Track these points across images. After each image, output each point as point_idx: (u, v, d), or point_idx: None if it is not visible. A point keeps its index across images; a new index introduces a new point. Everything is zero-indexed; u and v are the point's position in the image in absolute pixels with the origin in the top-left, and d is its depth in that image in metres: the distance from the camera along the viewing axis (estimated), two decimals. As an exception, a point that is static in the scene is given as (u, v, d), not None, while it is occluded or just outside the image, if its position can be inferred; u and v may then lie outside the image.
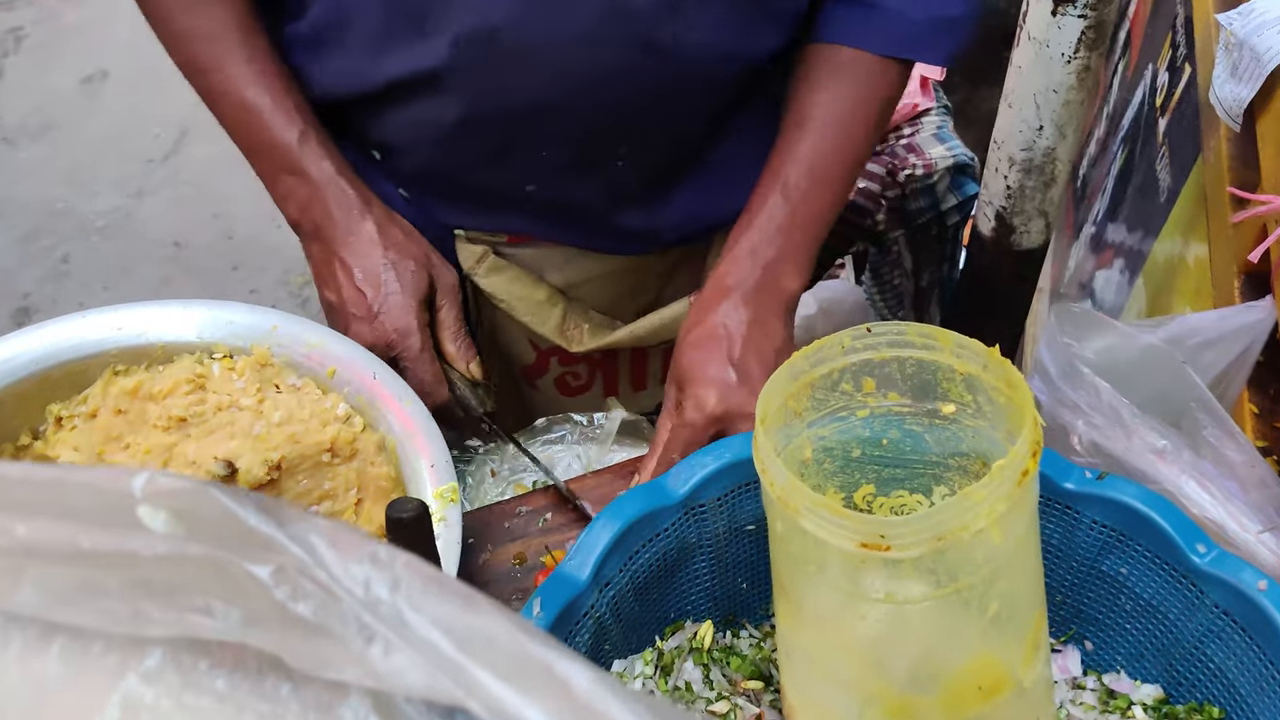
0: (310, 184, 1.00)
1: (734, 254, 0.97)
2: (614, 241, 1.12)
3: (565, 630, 0.71)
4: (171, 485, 0.33)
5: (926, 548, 0.58)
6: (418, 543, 0.68)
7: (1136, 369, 1.12)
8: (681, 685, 0.77)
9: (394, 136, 1.04)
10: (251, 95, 0.99)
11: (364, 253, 1.00)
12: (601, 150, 1.03)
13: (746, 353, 0.94)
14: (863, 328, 0.75)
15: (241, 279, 2.71)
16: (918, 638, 0.63)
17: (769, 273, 0.97)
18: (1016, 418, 0.68)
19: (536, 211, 1.08)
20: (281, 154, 1.00)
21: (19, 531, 0.34)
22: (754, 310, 0.95)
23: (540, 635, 0.33)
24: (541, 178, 1.04)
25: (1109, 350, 1.14)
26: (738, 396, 0.91)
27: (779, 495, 0.63)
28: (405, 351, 1.00)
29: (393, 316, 1.00)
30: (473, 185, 1.06)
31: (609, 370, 1.22)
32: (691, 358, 0.93)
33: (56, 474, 0.34)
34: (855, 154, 1.02)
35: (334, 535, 0.33)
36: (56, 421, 0.95)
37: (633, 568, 0.75)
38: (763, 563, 0.83)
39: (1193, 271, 1.41)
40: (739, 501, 0.79)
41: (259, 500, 0.34)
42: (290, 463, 0.89)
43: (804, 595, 0.66)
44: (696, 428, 0.90)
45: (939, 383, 0.74)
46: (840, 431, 0.77)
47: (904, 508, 0.80)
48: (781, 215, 0.98)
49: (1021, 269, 1.60)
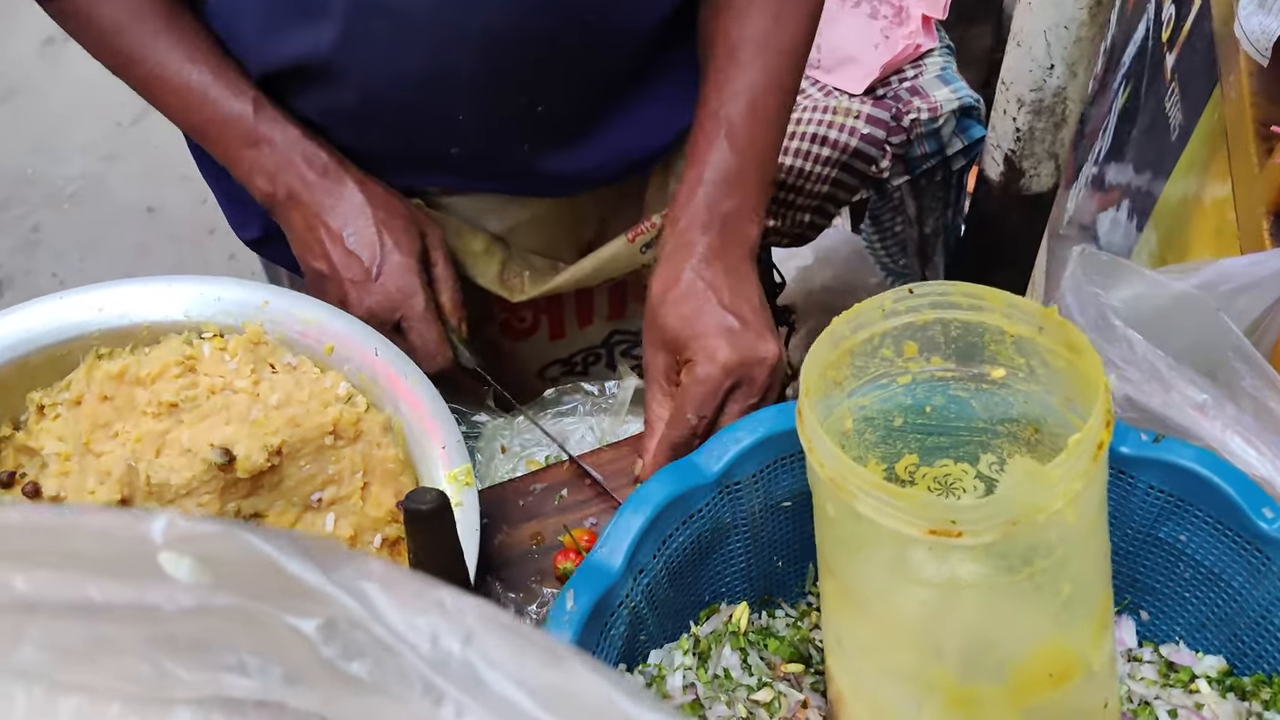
0: (276, 151, 0.94)
1: (691, 209, 0.92)
2: (545, 186, 1.07)
3: (600, 623, 0.66)
4: (197, 529, 0.28)
5: (1000, 532, 0.54)
6: (438, 536, 0.64)
7: (1166, 318, 1.08)
8: (720, 673, 0.72)
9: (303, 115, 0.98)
10: (190, 75, 0.93)
11: (351, 214, 0.95)
12: (519, 104, 0.97)
13: (736, 299, 0.89)
14: (904, 289, 0.70)
15: (219, 243, 2.64)
16: (986, 625, 0.59)
17: (730, 224, 0.92)
18: (1080, 384, 0.64)
19: (463, 168, 1.03)
20: (237, 128, 0.94)
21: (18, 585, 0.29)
22: (725, 262, 0.91)
23: (634, 690, 0.28)
24: (462, 140, 0.99)
25: (1137, 299, 1.09)
26: (747, 341, 0.86)
27: (831, 477, 0.58)
28: (409, 312, 0.95)
29: (393, 277, 0.94)
30: (393, 154, 1.01)
31: (554, 310, 1.18)
32: (680, 314, 0.88)
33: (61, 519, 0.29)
34: (792, 81, 0.97)
35: (390, 581, 0.28)
36: (38, 410, 0.90)
37: (667, 552, 0.71)
38: (799, 540, 0.79)
39: (1210, 213, 1.37)
40: (774, 477, 0.75)
41: (299, 542, 0.29)
42: (291, 447, 0.84)
43: (858, 581, 0.62)
44: (712, 381, 0.85)
45: (986, 345, 0.70)
46: (881, 400, 0.73)
47: (949, 477, 0.76)
48: (731, 162, 0.92)
49: (1030, 213, 1.56)
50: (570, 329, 1.20)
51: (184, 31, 0.93)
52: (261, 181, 0.95)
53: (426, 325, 0.95)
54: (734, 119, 0.91)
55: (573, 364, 1.23)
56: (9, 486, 0.88)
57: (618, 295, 1.20)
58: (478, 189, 1.06)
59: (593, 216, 1.14)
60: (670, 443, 0.86)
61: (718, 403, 0.85)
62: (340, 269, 0.94)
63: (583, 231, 1.14)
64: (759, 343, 0.86)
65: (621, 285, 1.18)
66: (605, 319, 1.21)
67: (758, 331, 0.86)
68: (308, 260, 0.97)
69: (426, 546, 0.64)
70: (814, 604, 0.81)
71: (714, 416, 0.85)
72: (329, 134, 0.98)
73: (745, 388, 0.86)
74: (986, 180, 1.52)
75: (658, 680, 0.69)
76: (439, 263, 0.98)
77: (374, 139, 0.99)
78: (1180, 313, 1.08)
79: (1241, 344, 1.00)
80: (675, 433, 0.85)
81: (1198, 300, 1.06)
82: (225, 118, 0.93)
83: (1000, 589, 0.56)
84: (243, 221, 1.12)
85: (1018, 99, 1.41)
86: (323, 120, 0.97)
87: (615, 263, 1.08)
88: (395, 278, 0.94)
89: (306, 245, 0.97)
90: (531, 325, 1.18)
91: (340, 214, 0.95)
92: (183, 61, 0.92)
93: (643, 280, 1.17)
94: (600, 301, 1.19)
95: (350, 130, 0.98)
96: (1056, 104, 1.41)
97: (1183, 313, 1.08)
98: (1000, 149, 1.47)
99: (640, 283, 1.18)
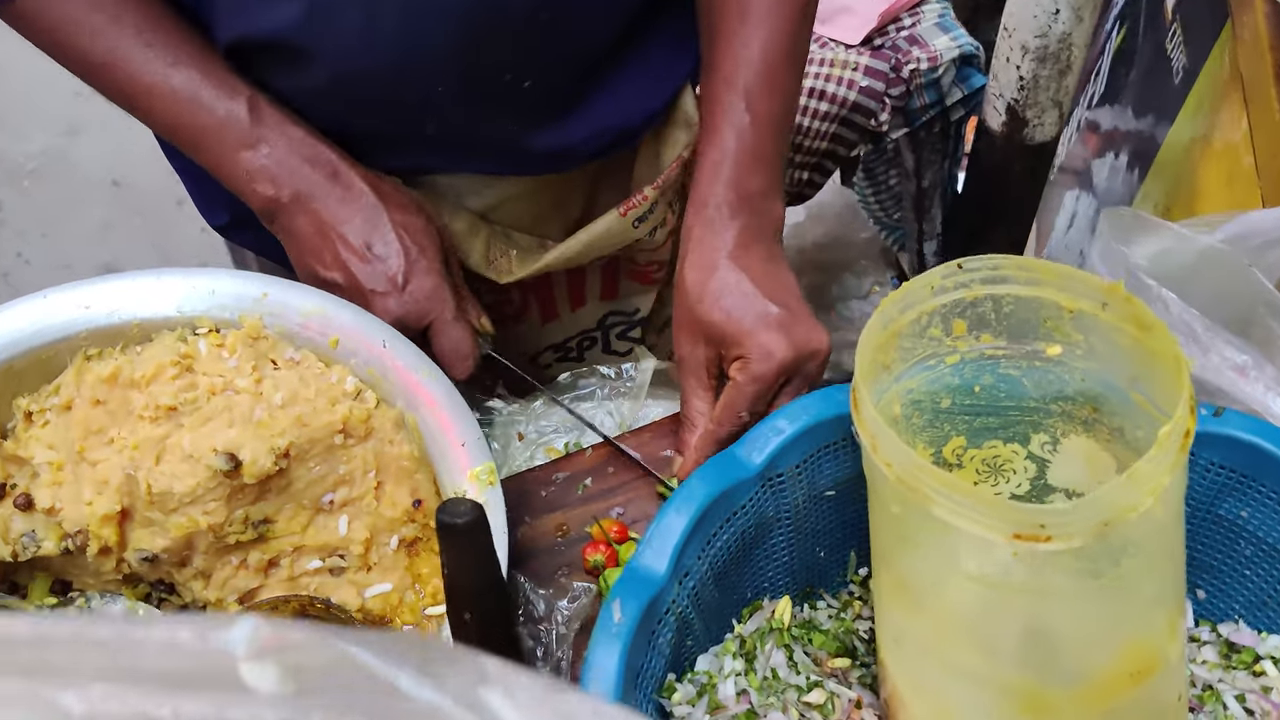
0: (278, 153, 0.88)
1: (716, 190, 0.87)
2: (531, 164, 1.01)
3: (648, 632, 0.63)
4: (284, 637, 0.24)
5: (1090, 535, 0.50)
6: (474, 551, 0.60)
7: (1194, 273, 1.05)
8: (769, 674, 0.69)
9: (276, 95, 0.91)
10: (174, 79, 0.86)
11: (370, 222, 0.88)
12: (502, 82, 0.92)
13: (777, 289, 0.85)
14: (953, 264, 0.67)
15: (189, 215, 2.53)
16: (1068, 629, 0.55)
17: (758, 204, 0.88)
18: (1149, 362, 0.60)
19: (442, 149, 0.97)
20: (234, 131, 0.87)
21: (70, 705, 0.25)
22: (761, 248, 0.87)
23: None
24: (441, 119, 0.93)
25: (1162, 255, 1.06)
26: (800, 334, 0.83)
27: (901, 477, 0.54)
28: (440, 317, 0.89)
29: (423, 285, 0.88)
30: (368, 135, 0.94)
31: (544, 292, 1.13)
32: (723, 309, 0.84)
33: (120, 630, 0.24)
34: (807, 40, 0.92)
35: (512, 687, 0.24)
36: (26, 417, 0.84)
37: (711, 553, 0.67)
38: (840, 528, 0.75)
39: (1222, 159, 1.33)
40: (818, 467, 0.71)
41: (401, 645, 0.24)
42: (299, 449, 0.79)
43: (922, 580, 0.58)
44: (768, 379, 0.82)
45: (1042, 322, 0.66)
46: (928, 382, 0.69)
47: (997, 459, 0.72)
48: (752, 135, 0.88)
49: (1033, 163, 1.52)
50: (563, 311, 1.15)
51: (162, 30, 0.86)
52: (263, 187, 0.88)
53: (457, 329, 0.89)
54: (751, 87, 0.86)
55: (567, 349, 1.19)
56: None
57: (610, 274, 1.15)
58: (459, 169, 1.00)
59: (579, 192, 1.09)
60: (717, 439, 0.82)
61: (772, 395, 0.82)
62: (362, 279, 0.88)
63: (569, 208, 1.09)
64: (812, 334, 0.82)
65: (614, 263, 1.13)
66: (598, 300, 1.16)
67: (808, 322, 0.83)
68: (315, 270, 0.90)
69: (461, 562, 0.60)
70: (855, 593, 0.78)
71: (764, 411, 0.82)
72: (301, 116, 0.92)
73: (798, 381, 0.83)
74: (988, 131, 1.48)
75: (709, 689, 0.66)
76: (452, 262, 0.93)
77: (347, 119, 0.92)
78: (1207, 268, 1.05)
79: (1274, 298, 0.97)
80: (724, 429, 0.82)
81: (1226, 255, 1.02)
82: (219, 122, 0.87)
83: (1087, 593, 0.53)
84: (210, 206, 1.06)
85: (1021, 46, 1.36)
86: (294, 100, 0.91)
87: (608, 238, 1.03)
88: (424, 285, 0.88)
89: (315, 254, 0.89)
90: (521, 308, 1.13)
91: (358, 223, 0.88)
92: (165, 65, 0.85)
93: (634, 257, 1.13)
94: (592, 281, 1.15)
95: (323, 111, 0.91)
96: (1061, 50, 1.36)
97: (1209, 268, 1.05)
98: (1002, 98, 1.42)
99: (632, 259, 1.13)
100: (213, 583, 0.83)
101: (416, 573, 0.84)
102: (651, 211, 1.02)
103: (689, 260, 0.87)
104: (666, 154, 1.04)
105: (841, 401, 0.70)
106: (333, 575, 0.83)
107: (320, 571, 0.83)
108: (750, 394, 0.82)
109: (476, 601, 0.61)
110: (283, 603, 0.78)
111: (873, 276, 2.11)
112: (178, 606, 0.85)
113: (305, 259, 0.89)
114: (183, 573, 0.83)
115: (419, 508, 0.82)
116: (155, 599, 0.86)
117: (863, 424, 0.58)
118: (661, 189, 1.02)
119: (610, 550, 0.87)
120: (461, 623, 0.62)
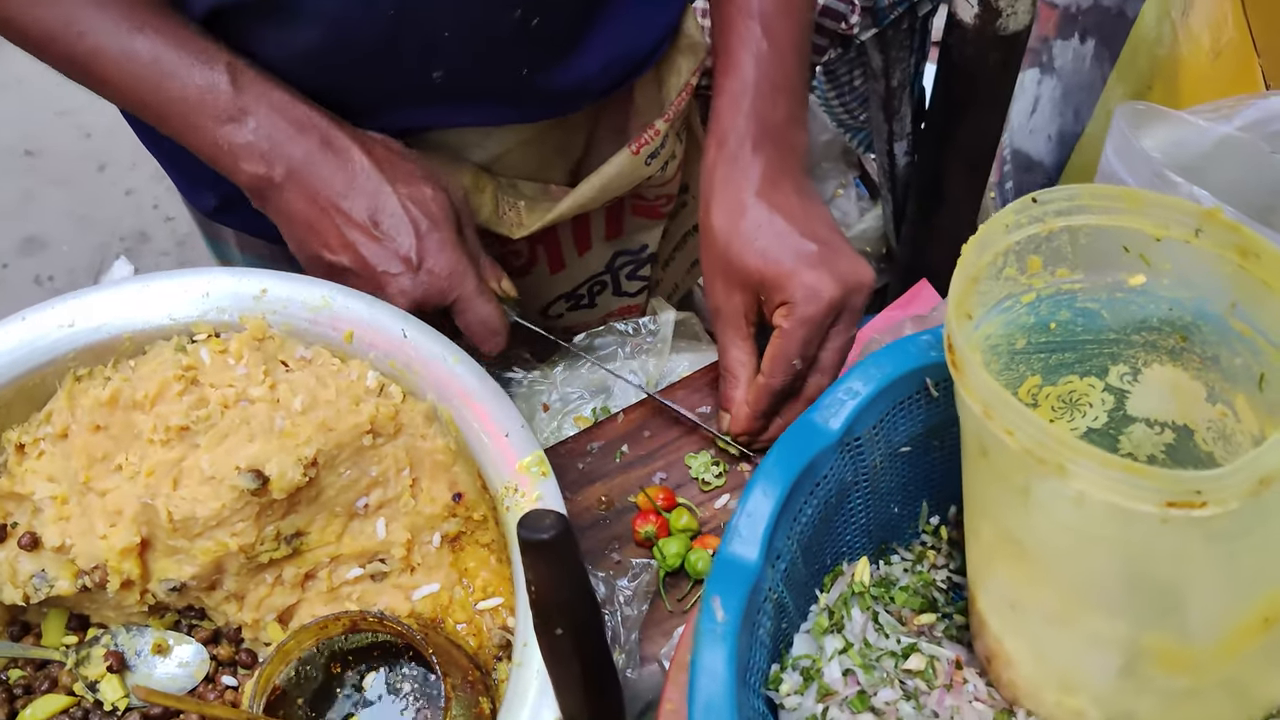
0: (265, 125, 0.79)
1: (738, 124, 0.82)
2: (537, 107, 0.95)
3: (750, 625, 0.59)
4: None
5: (1248, 496, 0.47)
6: (562, 566, 0.55)
7: (1211, 163, 1.02)
8: (862, 644, 0.66)
9: (260, 58, 0.83)
10: (140, 47, 0.77)
11: (372, 195, 0.80)
12: (511, 20, 0.85)
13: (812, 223, 0.81)
14: (1028, 198, 0.63)
15: (112, 180, 2.43)
16: (1213, 587, 0.53)
17: (783, 136, 0.83)
18: (1257, 289, 0.57)
19: (444, 101, 0.90)
20: (214, 103, 0.78)
21: None
22: (789, 181, 0.83)
23: None
24: (446, 67, 0.86)
25: (1177, 146, 1.03)
26: (843, 268, 0.79)
27: (1028, 448, 0.51)
28: (463, 293, 0.82)
29: (440, 261, 0.81)
30: (365, 96, 0.87)
31: (550, 241, 1.07)
32: (759, 250, 0.80)
33: None
34: None
35: None
36: (18, 450, 0.78)
37: (798, 529, 0.64)
38: (914, 482, 0.72)
39: (1203, 39, 1.30)
40: (894, 425, 0.67)
41: None
42: (327, 455, 0.74)
43: (1052, 552, 0.55)
44: (817, 320, 0.78)
45: (1124, 251, 0.63)
46: (1004, 324, 0.65)
47: (1073, 394, 0.69)
48: (772, 63, 0.83)
49: (1007, 55, 1.47)
50: (569, 258, 1.09)
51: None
52: (252, 165, 0.80)
53: (482, 304, 0.82)
54: (768, 11, 0.81)
55: (578, 297, 1.13)
56: (0, 541, 0.77)
57: (614, 214, 1.09)
58: (460, 121, 0.93)
59: (580, 134, 1.03)
60: (771, 392, 0.78)
61: (824, 336, 0.78)
62: (373, 261, 0.80)
63: (572, 151, 1.03)
64: (856, 267, 0.79)
65: (618, 202, 1.07)
66: (604, 241, 1.11)
67: (849, 255, 0.79)
68: (319, 254, 0.82)
69: (549, 579, 0.55)
70: (928, 543, 0.75)
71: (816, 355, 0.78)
72: (289, 74, 0.83)
73: (847, 316, 0.79)
74: (959, 24, 1.42)
75: (814, 674, 0.63)
76: (468, 227, 0.86)
77: (341, 80, 0.85)
78: (1223, 157, 1.02)
79: (1301, 186, 0.94)
80: (777, 380, 0.78)
81: (1244, 143, 1.00)
82: (195, 92, 0.78)
83: (1234, 553, 0.50)
84: (193, 189, 0.98)
85: (991, -67, 1.31)
86: (281, 67, 0.83)
87: (621, 179, 0.97)
88: (441, 260, 0.81)
89: (318, 236, 0.81)
90: (529, 260, 1.07)
91: (358, 196, 0.80)
92: (128, 31, 0.76)
93: (642, 193, 1.07)
94: (596, 223, 1.09)
95: (314, 74, 0.83)
96: (1034, -67, 1.31)
97: (1225, 156, 1.02)
98: (974, -11, 1.37)
99: (640, 195, 1.08)
100: (247, 604, 0.78)
101: (463, 568, 0.79)
102: (663, 146, 0.97)
103: (715, 203, 0.82)
104: (670, 83, 0.98)
105: (914, 354, 0.66)
106: (375, 581, 0.79)
107: (361, 580, 0.78)
108: (801, 339, 0.78)
109: (569, 614, 0.57)
110: (332, 621, 0.73)
111: (835, 180, 2.06)
112: (210, 632, 0.80)
113: (308, 242, 0.82)
114: (213, 596, 0.78)
115: (459, 501, 0.77)
116: (185, 625, 0.80)
117: (972, 391, 0.54)
118: (671, 121, 0.96)
119: (660, 519, 0.83)
120: (554, 638, 0.58)
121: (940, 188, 1.49)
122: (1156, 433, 0.68)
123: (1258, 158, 0.97)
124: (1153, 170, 0.95)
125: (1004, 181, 1.85)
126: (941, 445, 0.70)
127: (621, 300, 1.17)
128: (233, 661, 0.80)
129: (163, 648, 0.79)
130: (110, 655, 0.78)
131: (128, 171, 2.41)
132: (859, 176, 2.04)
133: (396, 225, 0.80)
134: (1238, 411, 0.62)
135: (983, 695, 0.65)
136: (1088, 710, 0.60)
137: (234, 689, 0.79)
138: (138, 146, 0.96)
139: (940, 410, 0.68)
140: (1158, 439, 0.68)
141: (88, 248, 2.36)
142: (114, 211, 2.40)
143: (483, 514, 0.78)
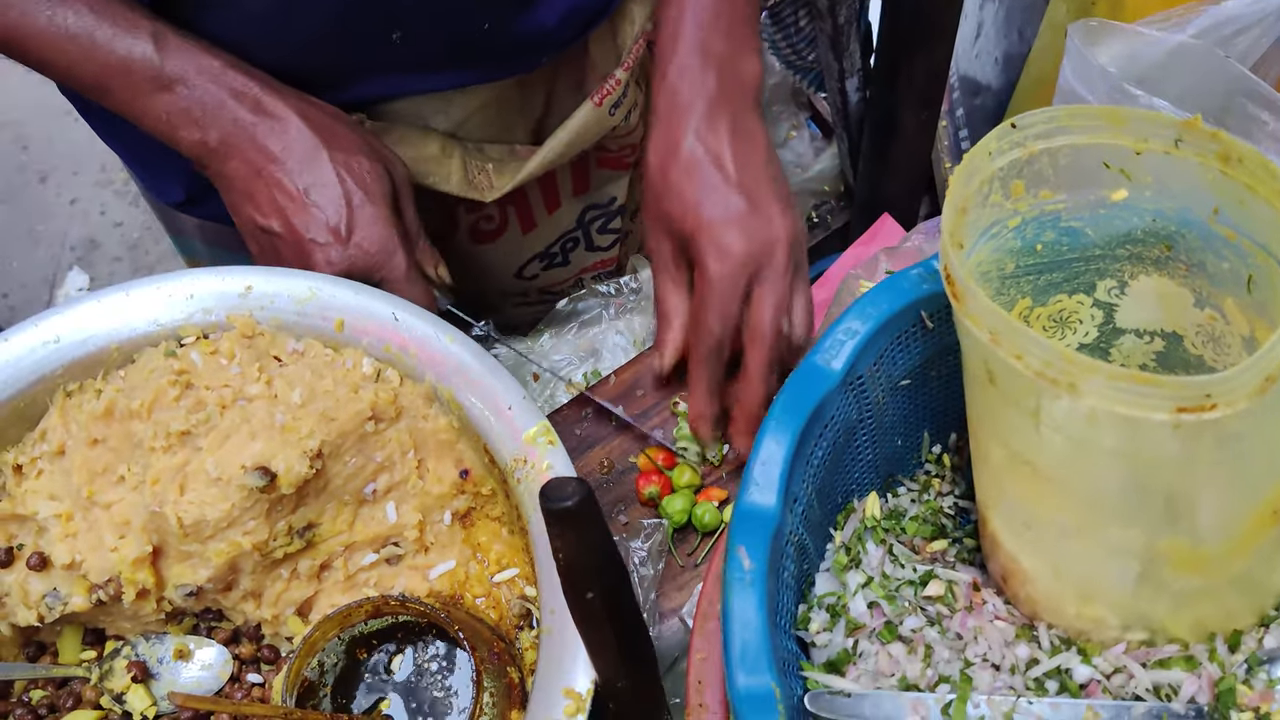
0: (195, 90, 0.78)
1: (678, 57, 0.81)
2: (499, 64, 0.94)
3: (776, 570, 0.60)
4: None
5: (1254, 396, 0.48)
6: (588, 533, 0.56)
7: (1165, 73, 1.03)
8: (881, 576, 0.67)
9: (216, 33, 0.82)
10: (66, 21, 0.76)
11: (305, 161, 0.80)
12: None
13: (741, 171, 0.80)
14: (1006, 124, 0.63)
15: (55, 191, 2.38)
16: (1225, 486, 0.54)
17: (727, 67, 0.82)
18: (1240, 193, 0.58)
19: (404, 67, 0.89)
20: (140, 72, 0.77)
21: None
22: (727, 118, 0.81)
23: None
24: (406, 27, 0.86)
25: (1129, 59, 1.04)
26: (757, 224, 0.78)
27: (1039, 371, 0.52)
28: (391, 274, 0.82)
29: (369, 235, 0.80)
30: (320, 69, 0.86)
31: (520, 201, 1.07)
32: (682, 198, 0.79)
33: None
34: None
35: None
36: (15, 471, 0.77)
37: (811, 472, 0.65)
38: (915, 414, 0.73)
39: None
40: (893, 360, 0.68)
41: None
42: (331, 445, 0.74)
43: (1064, 468, 0.56)
44: (728, 279, 0.77)
45: (1105, 167, 0.64)
46: (992, 250, 0.66)
47: (1063, 312, 0.70)
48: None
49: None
50: (540, 217, 1.09)
51: None
52: (188, 131, 0.79)
53: (411, 285, 0.82)
54: None
55: (551, 255, 1.13)
56: (8, 565, 0.77)
57: (580, 169, 1.09)
58: (421, 88, 0.92)
59: (540, 92, 1.02)
60: (701, 358, 0.78)
61: (740, 297, 0.77)
62: (300, 228, 0.80)
63: (533, 108, 1.02)
64: (771, 224, 0.77)
65: (583, 156, 1.07)
66: (572, 197, 1.10)
67: (767, 210, 0.78)
68: (252, 217, 0.82)
69: (577, 545, 0.56)
70: (933, 472, 0.76)
71: (740, 311, 0.78)
72: (236, 48, 0.82)
73: (768, 271, 0.78)
74: (902, -45, 1.43)
75: (840, 610, 0.64)
76: (407, 208, 0.85)
77: (296, 52, 0.84)
78: (1177, 65, 1.04)
79: (1257, 87, 0.96)
80: (703, 345, 0.77)
81: (1198, 50, 1.01)
82: (122, 63, 0.77)
83: (1243, 452, 0.52)
84: (160, 184, 0.96)
85: None
86: (233, 41, 0.81)
87: (586, 132, 0.97)
88: (371, 235, 0.80)
89: (251, 200, 0.81)
90: (501, 224, 1.07)
91: (292, 162, 0.80)
92: (53, 5, 0.75)
93: (607, 145, 1.07)
94: (564, 179, 1.09)
95: (267, 48, 0.83)
96: None
97: (1180, 65, 1.04)
98: (914, -82, 1.37)
99: (604, 147, 1.08)
100: (265, 600, 0.78)
101: (475, 543, 0.80)
102: (625, 95, 0.96)
103: (651, 140, 0.81)
104: (626, 31, 0.98)
105: (908, 289, 0.67)
106: (390, 565, 0.79)
107: (377, 565, 0.79)
108: (715, 300, 0.77)
109: (599, 578, 0.58)
110: (355, 609, 0.73)
111: (788, 122, 2.06)
112: (229, 632, 0.80)
113: (243, 206, 0.81)
114: (230, 597, 0.78)
115: (466, 478, 0.78)
116: (204, 628, 0.80)
117: (977, 319, 0.55)
118: (630, 69, 0.96)
119: (663, 478, 0.84)
120: (585, 603, 0.58)
121: (894, 121, 1.50)
122: (1146, 342, 0.69)
123: (1211, 63, 0.98)
124: (1110, 85, 0.96)
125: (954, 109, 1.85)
126: (939, 375, 0.71)
127: (595, 255, 1.17)
128: (255, 659, 0.80)
129: (184, 653, 0.79)
130: (133, 665, 0.78)
131: (70, 179, 2.36)
132: (811, 117, 2.04)
133: (328, 195, 0.79)
134: (1226, 314, 0.63)
135: (1002, 613, 0.66)
136: (1106, 617, 0.62)
137: (260, 685, 0.79)
138: (78, 153, 0.95)
139: (936, 341, 0.69)
140: (1147, 348, 0.70)
141: (39, 261, 2.31)
142: (61, 222, 2.35)
143: (491, 488, 0.78)
